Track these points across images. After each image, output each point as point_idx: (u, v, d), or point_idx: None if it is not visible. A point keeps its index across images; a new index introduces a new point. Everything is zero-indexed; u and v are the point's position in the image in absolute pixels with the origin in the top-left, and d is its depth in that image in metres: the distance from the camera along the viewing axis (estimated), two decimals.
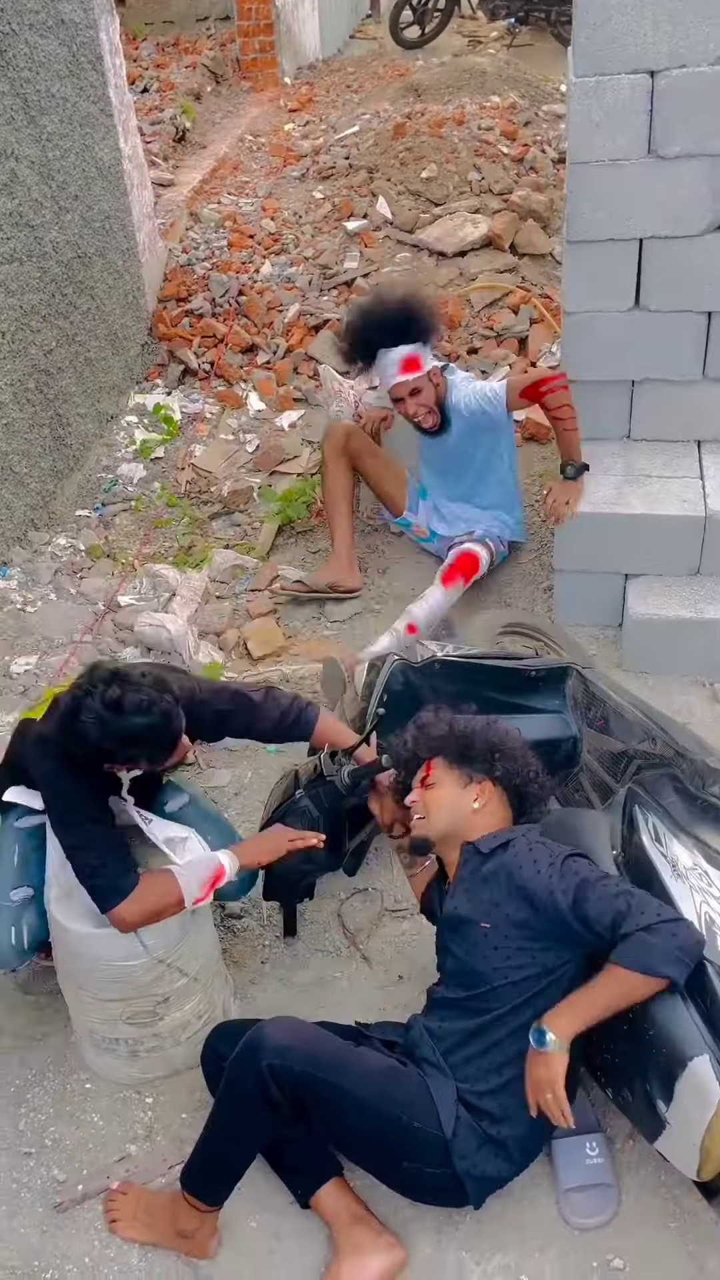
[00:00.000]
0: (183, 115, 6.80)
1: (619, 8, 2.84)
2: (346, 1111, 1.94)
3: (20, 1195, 2.20)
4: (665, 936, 1.83)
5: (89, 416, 4.48)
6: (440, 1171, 1.96)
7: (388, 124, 6.12)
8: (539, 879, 1.95)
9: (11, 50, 3.72)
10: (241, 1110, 1.96)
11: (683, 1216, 2.08)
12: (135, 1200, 2.14)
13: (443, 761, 2.21)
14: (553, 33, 9.18)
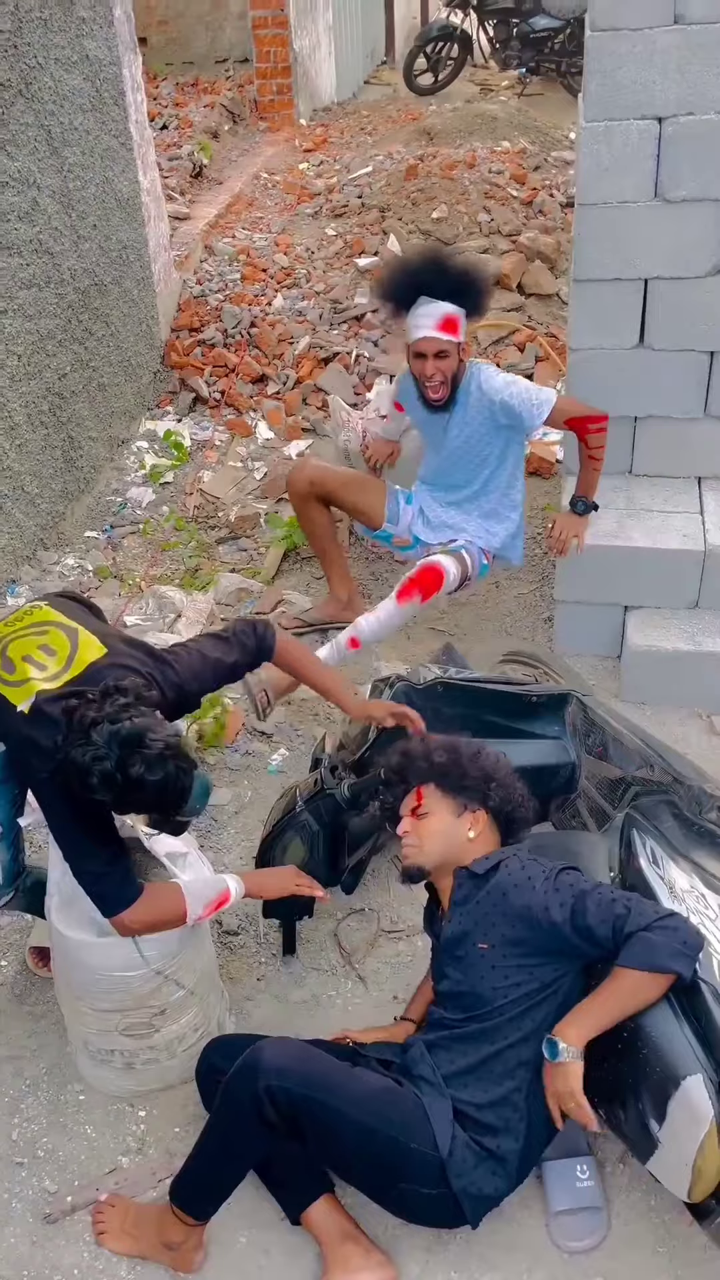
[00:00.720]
0: (200, 152, 6.92)
1: (629, 56, 2.91)
2: (342, 1133, 1.93)
3: (11, 1205, 2.19)
4: (667, 933, 1.85)
5: (100, 440, 4.52)
6: (436, 1192, 1.95)
7: (400, 165, 6.22)
8: (534, 895, 1.96)
9: (38, 84, 3.80)
10: (236, 1128, 1.96)
11: (671, 1242, 2.07)
12: (123, 1212, 2.13)
13: (435, 790, 2.17)
14: (563, 83, 9.35)
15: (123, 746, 1.89)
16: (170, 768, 1.93)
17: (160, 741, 1.92)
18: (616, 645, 3.44)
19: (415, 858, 2.14)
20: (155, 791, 1.93)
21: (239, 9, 8.32)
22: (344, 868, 2.52)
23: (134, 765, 1.89)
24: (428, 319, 3.09)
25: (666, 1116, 1.83)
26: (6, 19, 3.55)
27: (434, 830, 2.13)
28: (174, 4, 8.55)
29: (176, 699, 2.18)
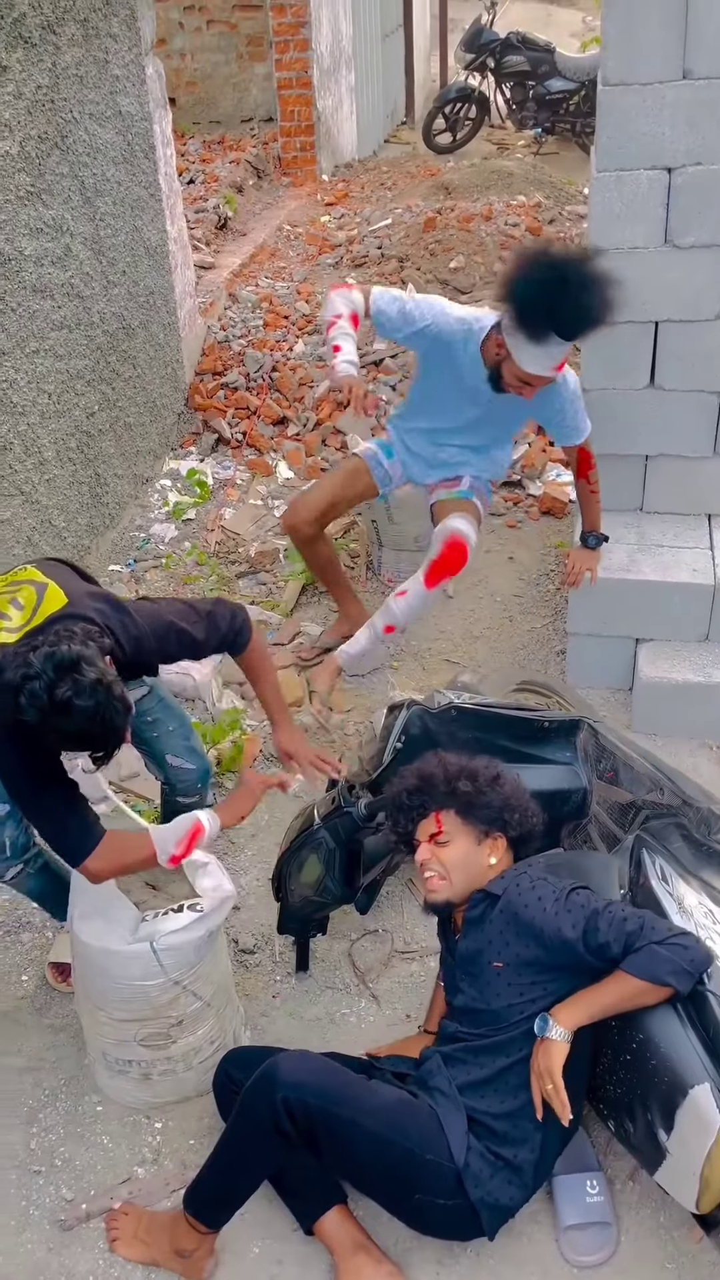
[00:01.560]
0: (225, 205, 7.10)
1: (639, 109, 3.01)
2: (358, 1144, 1.95)
3: (29, 1212, 2.21)
4: (676, 950, 1.89)
5: (126, 478, 4.62)
6: (452, 1203, 1.97)
7: (419, 218, 6.38)
8: (545, 916, 1.98)
9: (73, 137, 3.94)
10: (252, 1139, 1.98)
11: (680, 1258, 2.08)
12: (136, 1220, 2.15)
13: (454, 817, 2.13)
14: (577, 142, 9.55)
15: (56, 669, 1.87)
16: (101, 698, 1.89)
17: (96, 671, 1.89)
18: (628, 677, 3.48)
19: (443, 892, 2.11)
20: (82, 719, 1.88)
21: (264, 71, 8.57)
22: (359, 885, 2.55)
23: (63, 688, 1.86)
24: (549, 360, 2.93)
25: (675, 1126, 1.85)
26: (45, 75, 3.70)
27: (456, 860, 2.11)
28: (202, 66, 8.81)
29: (134, 654, 2.15)
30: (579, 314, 2.79)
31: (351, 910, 2.74)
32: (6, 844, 2.39)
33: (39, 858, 2.48)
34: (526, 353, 2.91)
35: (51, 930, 2.80)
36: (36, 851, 2.48)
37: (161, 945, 2.16)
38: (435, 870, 2.12)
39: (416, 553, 4.13)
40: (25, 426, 3.74)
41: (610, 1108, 2.04)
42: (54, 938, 2.75)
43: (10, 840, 2.39)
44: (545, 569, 4.18)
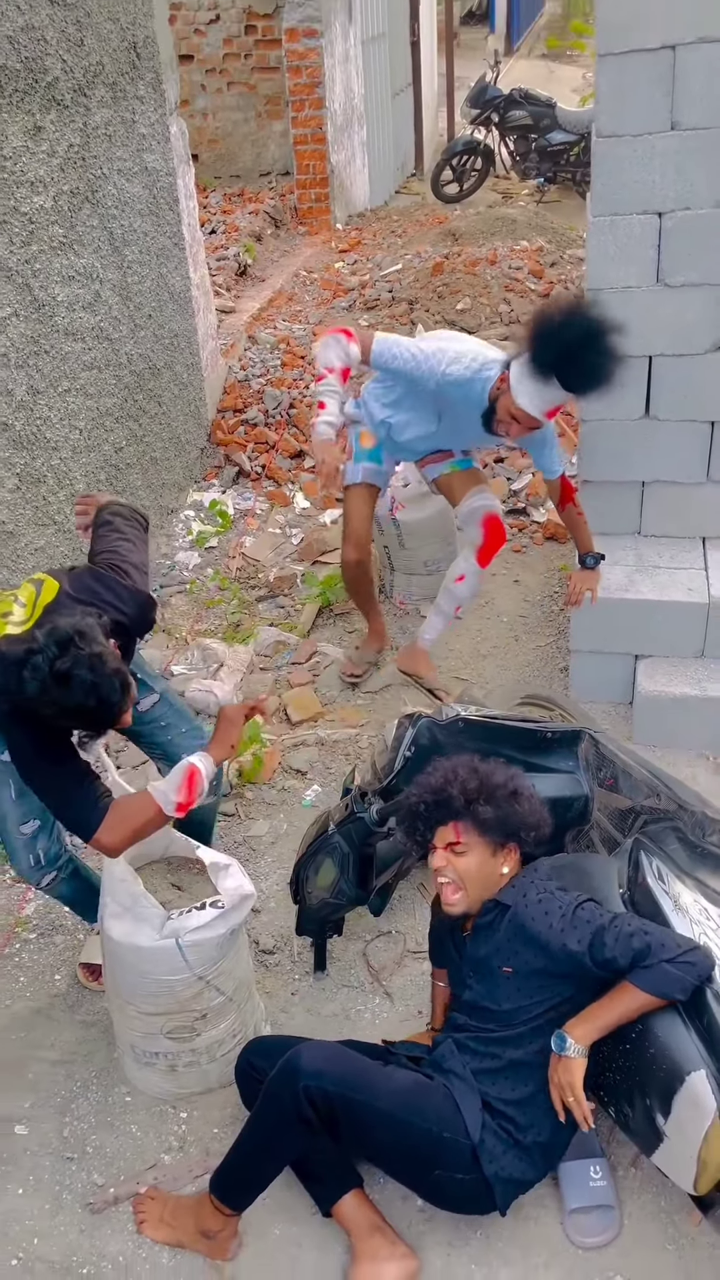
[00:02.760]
0: (245, 253, 7.23)
1: (631, 158, 3.08)
2: (378, 1127, 1.97)
3: (62, 1197, 2.24)
4: (686, 969, 1.90)
5: (152, 509, 4.69)
6: (469, 1178, 1.99)
7: (427, 263, 6.47)
8: (551, 932, 2.00)
9: (102, 191, 4.05)
10: (276, 1126, 1.99)
11: (680, 1240, 2.08)
12: (162, 1203, 2.17)
13: (472, 827, 2.11)
14: (578, 191, 9.65)
15: (58, 644, 1.90)
16: (99, 671, 1.91)
17: (96, 645, 1.92)
18: (628, 692, 3.51)
19: (460, 905, 2.11)
20: (80, 692, 1.90)
21: (281, 128, 8.74)
22: (373, 888, 2.58)
23: (63, 660, 1.89)
24: (546, 405, 2.95)
25: (672, 1110, 1.87)
26: (77, 134, 3.80)
27: (471, 871, 2.11)
28: (223, 125, 8.98)
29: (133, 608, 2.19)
30: (587, 370, 2.81)
31: (366, 912, 2.77)
32: (40, 855, 2.43)
33: (70, 864, 2.52)
34: (526, 390, 2.93)
35: (82, 933, 2.84)
36: (68, 858, 2.51)
37: (186, 941, 2.19)
38: (450, 878, 2.12)
39: (426, 576, 4.20)
40: (58, 460, 3.82)
41: (611, 1094, 2.06)
42: (85, 940, 2.79)
43: (43, 851, 2.43)
44: (549, 591, 4.22)
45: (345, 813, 2.52)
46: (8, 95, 3.36)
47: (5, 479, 3.49)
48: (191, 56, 8.56)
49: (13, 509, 3.55)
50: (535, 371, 2.87)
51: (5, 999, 2.69)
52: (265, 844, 3.13)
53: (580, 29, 17.91)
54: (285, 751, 3.43)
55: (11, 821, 2.37)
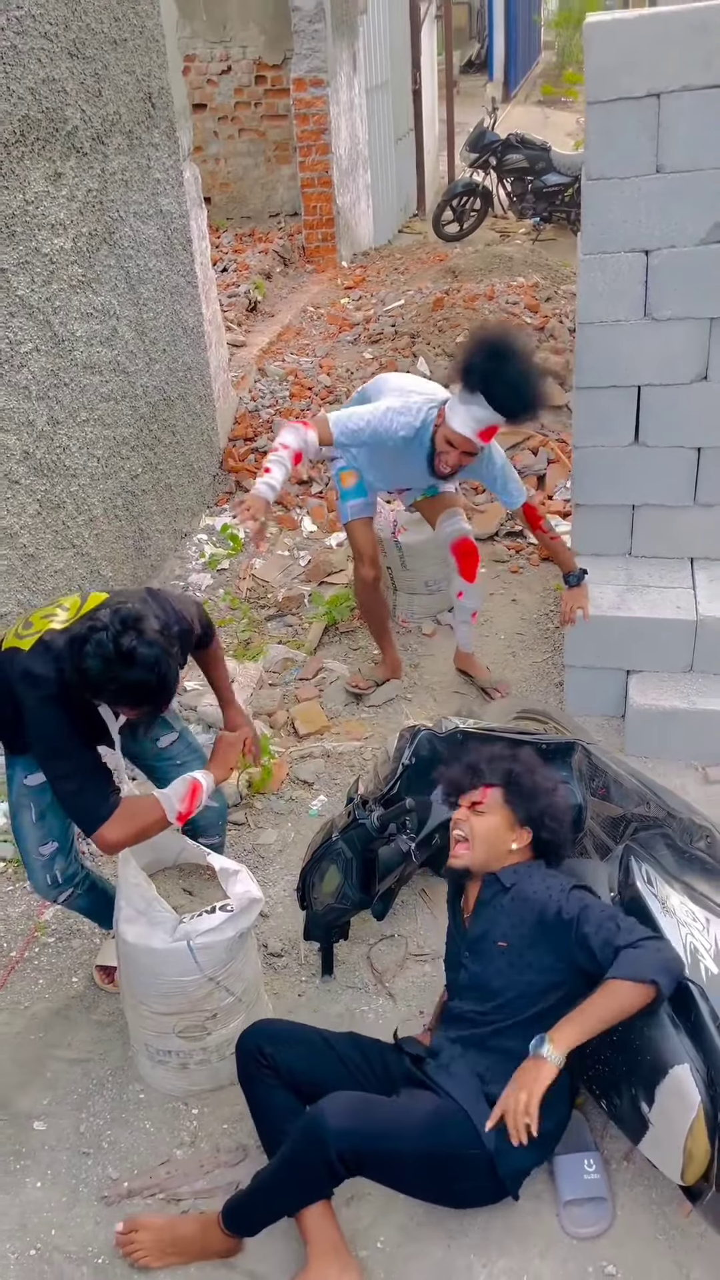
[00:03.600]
0: (255, 290, 7.30)
1: (619, 199, 3.12)
2: (406, 1165, 1.97)
3: (78, 1190, 2.25)
4: (650, 951, 1.92)
5: (166, 533, 4.73)
6: (487, 1182, 2.01)
7: (428, 298, 6.53)
8: (549, 901, 2.05)
9: (119, 233, 4.11)
10: (305, 1180, 1.97)
11: (671, 1230, 2.08)
12: (157, 1233, 2.08)
13: (500, 794, 2.21)
14: (572, 229, 9.73)
15: (122, 622, 1.91)
16: (161, 648, 1.92)
17: (158, 627, 1.94)
18: (620, 705, 3.52)
19: (464, 859, 2.17)
20: (143, 669, 1.90)
21: (290, 172, 8.84)
22: (376, 892, 2.59)
23: (127, 637, 1.89)
24: (476, 424, 3.04)
25: (656, 1100, 1.88)
26: (95, 179, 3.87)
27: (484, 831, 2.17)
28: (234, 169, 9.09)
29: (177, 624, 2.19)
30: (510, 385, 2.93)
31: (369, 917, 2.78)
32: (58, 875, 2.43)
33: (86, 879, 2.52)
34: (458, 413, 3.06)
35: (98, 937, 2.85)
36: (84, 875, 2.51)
37: (198, 944, 2.21)
38: (463, 832, 2.18)
39: (428, 595, 4.23)
40: (77, 487, 3.86)
41: (600, 1085, 2.06)
42: (101, 944, 2.80)
43: (60, 871, 2.43)
44: (545, 609, 4.25)
45: (348, 820, 2.54)
46: (30, 144, 3.42)
47: (27, 504, 3.54)
48: (205, 105, 8.68)
49: (34, 533, 3.59)
50: (464, 392, 3.01)
51: (25, 1000, 2.70)
52: (273, 852, 3.14)
53: (574, 79, 18.08)
54: (292, 763, 3.45)
55: (32, 843, 2.39)
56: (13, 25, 3.27)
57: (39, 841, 2.39)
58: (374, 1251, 2.09)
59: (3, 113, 3.25)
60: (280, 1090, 2.11)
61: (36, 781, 2.34)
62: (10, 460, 3.42)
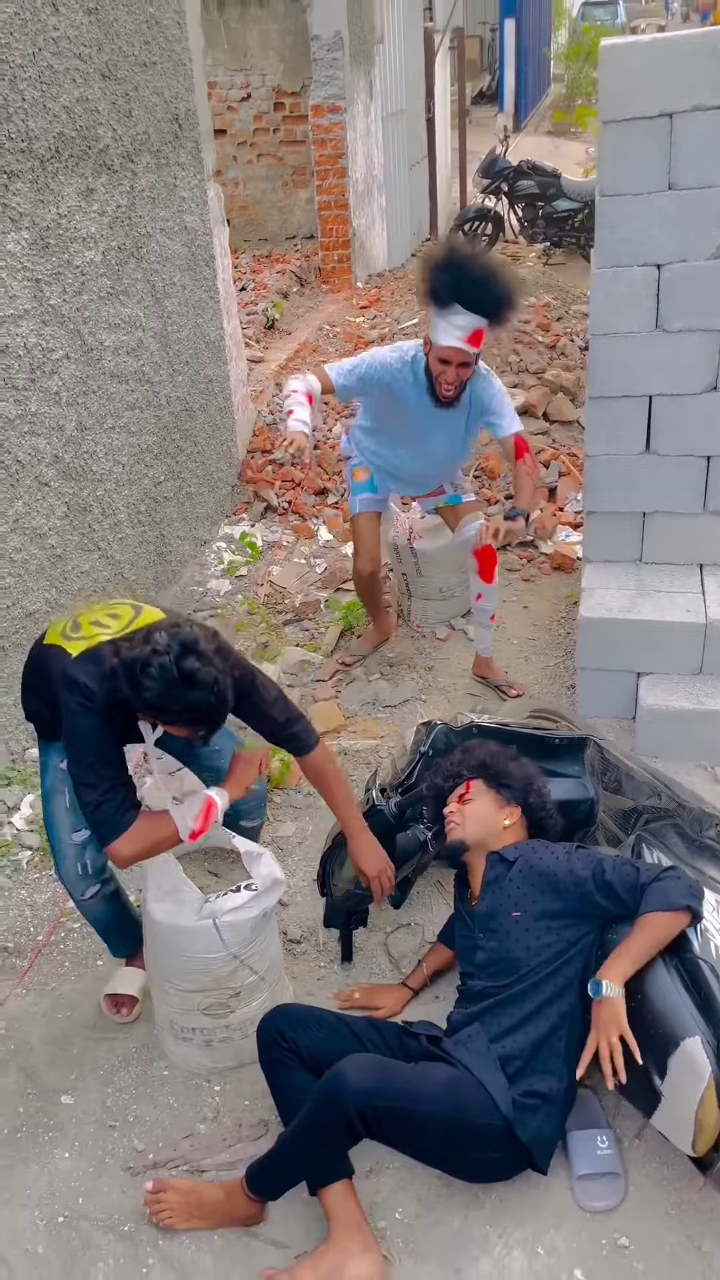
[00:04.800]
0: (273, 309, 7.42)
1: (632, 215, 3.20)
2: (423, 1128, 2.01)
3: (105, 1161, 2.29)
4: (674, 880, 2.04)
5: (186, 540, 4.81)
6: (506, 1152, 2.04)
7: None
8: (558, 864, 2.13)
9: (146, 248, 4.21)
10: (326, 1139, 2.01)
11: (683, 1205, 2.12)
12: (185, 1197, 2.12)
13: (481, 784, 2.37)
14: (582, 254, 9.84)
15: (182, 646, 1.92)
16: (220, 670, 1.93)
17: (214, 648, 1.96)
18: (631, 707, 3.57)
19: (456, 833, 2.30)
20: (203, 691, 1.92)
21: (307, 196, 8.99)
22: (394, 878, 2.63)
23: (188, 661, 1.90)
24: (460, 331, 3.06)
25: (668, 1071, 1.92)
26: (124, 196, 3.97)
27: (474, 812, 2.31)
28: (253, 193, 9.25)
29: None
30: (478, 280, 3.00)
31: (387, 906, 2.83)
32: (88, 864, 2.44)
33: (112, 881, 2.52)
34: (439, 328, 3.09)
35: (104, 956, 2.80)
36: (111, 874, 2.52)
37: (223, 922, 2.26)
38: (456, 820, 2.31)
39: (442, 602, 4.29)
40: (103, 492, 3.95)
41: None
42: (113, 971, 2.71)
43: (90, 861, 2.44)
44: (556, 616, 4.31)
45: (367, 807, 2.59)
46: (64, 160, 3.52)
47: (55, 507, 3.61)
48: (225, 130, 8.84)
49: (62, 535, 3.66)
50: (438, 311, 3.06)
51: (52, 981, 2.75)
52: (293, 844, 3.19)
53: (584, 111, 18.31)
54: None
55: (65, 829, 2.40)
56: (49, 46, 3.38)
57: (72, 828, 2.39)
58: (392, 1222, 2.13)
59: (40, 129, 3.35)
60: (300, 1072, 2.16)
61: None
62: (41, 463, 3.50)
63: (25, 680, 2.34)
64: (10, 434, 3.31)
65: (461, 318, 3.04)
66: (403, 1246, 2.08)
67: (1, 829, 3.21)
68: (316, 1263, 1.99)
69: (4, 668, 3.37)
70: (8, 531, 3.33)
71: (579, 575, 4.29)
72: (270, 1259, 2.08)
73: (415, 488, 3.80)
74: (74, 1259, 2.10)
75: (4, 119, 3.16)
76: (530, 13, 18.81)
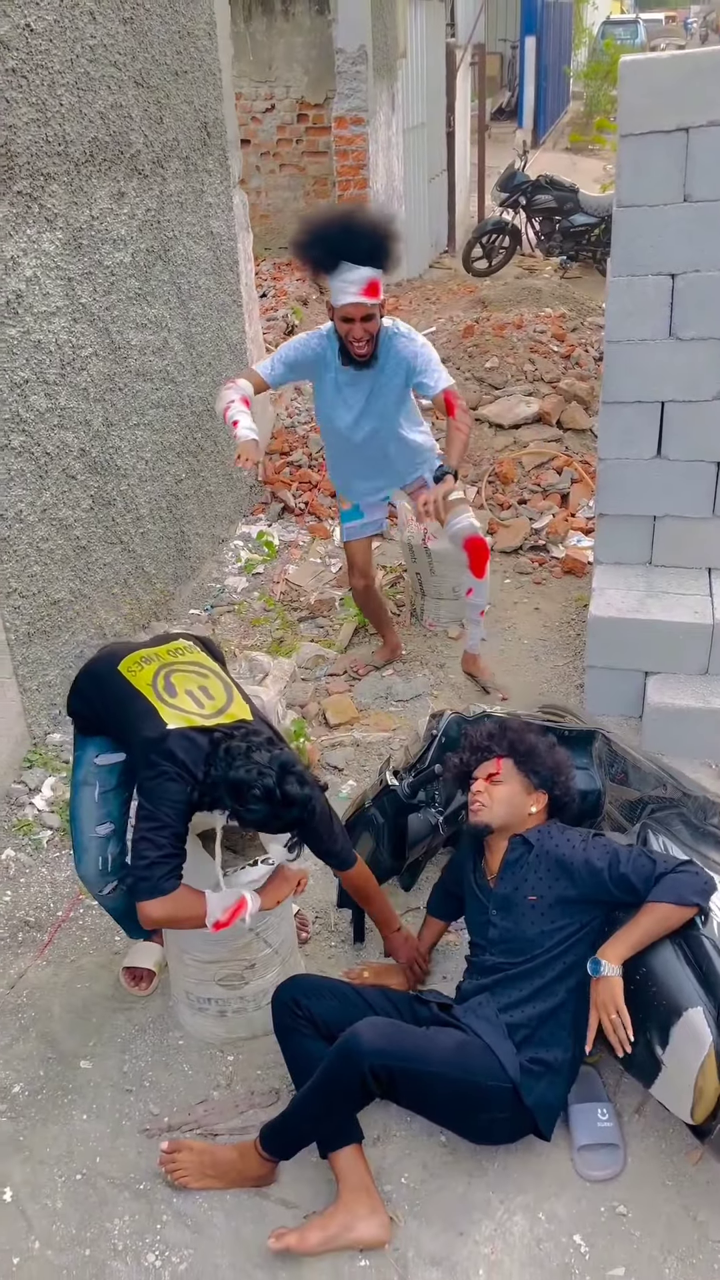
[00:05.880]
0: (293, 315, 7.54)
1: (648, 226, 3.29)
2: (434, 1088, 2.09)
3: (121, 1123, 2.37)
4: (691, 876, 2.10)
5: (205, 538, 4.91)
6: (512, 1114, 2.12)
7: (459, 326, 6.73)
8: (575, 852, 2.19)
9: (173, 251, 4.32)
10: (340, 1099, 2.09)
11: (679, 1177, 2.18)
12: (199, 1157, 2.20)
13: (512, 766, 2.37)
14: (598, 268, 9.95)
15: (280, 768, 2.11)
16: (312, 790, 2.16)
17: (304, 769, 2.18)
18: (638, 706, 3.64)
19: (483, 815, 2.32)
20: (299, 809, 2.12)
21: (327, 206, 9.12)
22: (406, 858, 2.71)
23: (289, 784, 2.10)
24: (353, 286, 3.04)
25: (670, 1041, 1.99)
26: (154, 200, 4.08)
27: (502, 796, 2.33)
28: (274, 202, 9.39)
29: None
30: (342, 231, 3.00)
31: (397, 889, 2.90)
32: (110, 859, 2.50)
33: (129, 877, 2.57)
34: (335, 290, 3.11)
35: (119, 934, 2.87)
36: (128, 870, 2.55)
37: None
38: (483, 801, 2.33)
39: (454, 601, 4.37)
40: (126, 486, 4.04)
41: None
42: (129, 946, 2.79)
43: (112, 856, 2.51)
44: (566, 618, 4.38)
45: (380, 788, 2.67)
46: (98, 163, 3.63)
47: (81, 499, 3.71)
48: (249, 140, 8.98)
49: (86, 526, 3.76)
50: (329, 276, 3.08)
51: (71, 954, 2.83)
52: None
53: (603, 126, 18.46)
54: (324, 750, 3.59)
55: (90, 821, 2.46)
56: (86, 54, 3.50)
57: (97, 820, 2.46)
58: (398, 1186, 2.20)
59: (75, 134, 3.46)
60: (314, 1040, 2.22)
61: (108, 762, 2.43)
62: (69, 456, 3.60)
63: (80, 686, 2.42)
64: (41, 427, 3.41)
65: (351, 273, 3.04)
66: (408, 1209, 2.16)
67: (24, 809, 3.30)
68: (326, 1222, 2.07)
69: (29, 654, 3.46)
70: (36, 521, 3.43)
71: (589, 579, 4.37)
72: (280, 1218, 2.15)
73: (389, 478, 3.69)
74: (91, 1214, 2.18)
75: (42, 123, 3.27)
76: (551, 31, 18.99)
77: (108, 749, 2.42)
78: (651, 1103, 2.30)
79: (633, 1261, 2.04)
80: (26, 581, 3.41)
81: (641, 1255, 2.05)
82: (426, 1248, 2.09)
